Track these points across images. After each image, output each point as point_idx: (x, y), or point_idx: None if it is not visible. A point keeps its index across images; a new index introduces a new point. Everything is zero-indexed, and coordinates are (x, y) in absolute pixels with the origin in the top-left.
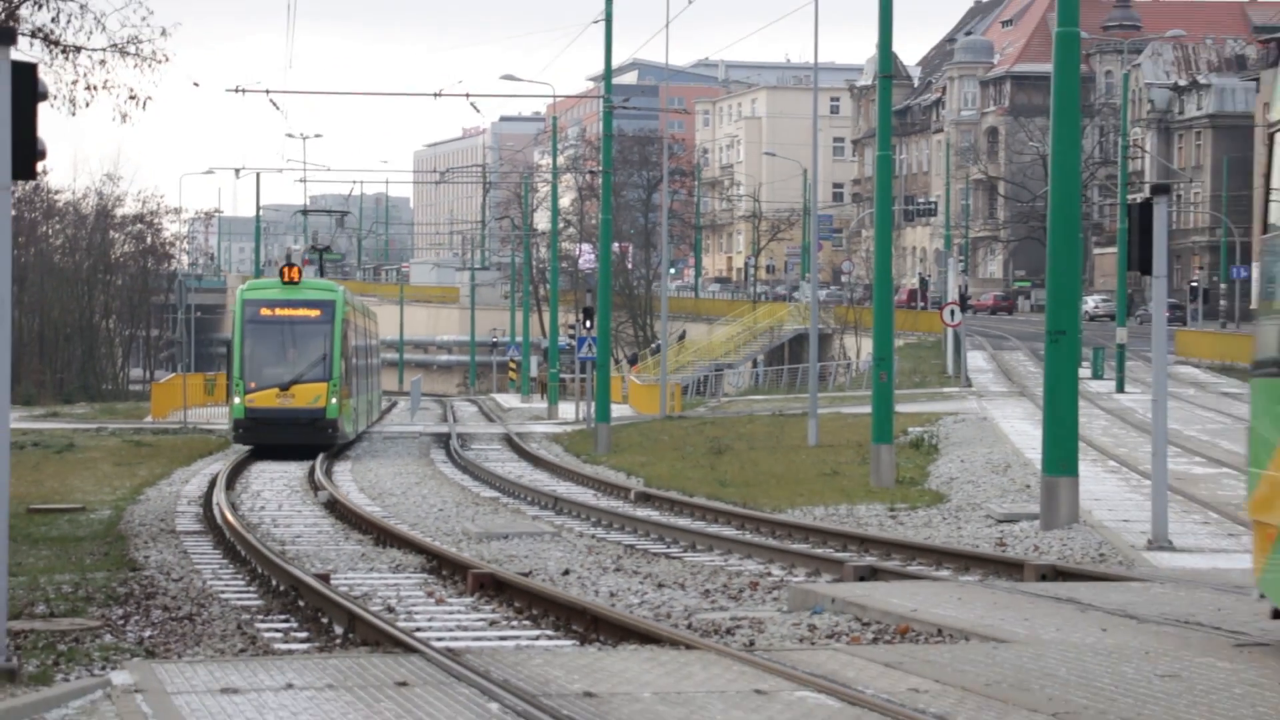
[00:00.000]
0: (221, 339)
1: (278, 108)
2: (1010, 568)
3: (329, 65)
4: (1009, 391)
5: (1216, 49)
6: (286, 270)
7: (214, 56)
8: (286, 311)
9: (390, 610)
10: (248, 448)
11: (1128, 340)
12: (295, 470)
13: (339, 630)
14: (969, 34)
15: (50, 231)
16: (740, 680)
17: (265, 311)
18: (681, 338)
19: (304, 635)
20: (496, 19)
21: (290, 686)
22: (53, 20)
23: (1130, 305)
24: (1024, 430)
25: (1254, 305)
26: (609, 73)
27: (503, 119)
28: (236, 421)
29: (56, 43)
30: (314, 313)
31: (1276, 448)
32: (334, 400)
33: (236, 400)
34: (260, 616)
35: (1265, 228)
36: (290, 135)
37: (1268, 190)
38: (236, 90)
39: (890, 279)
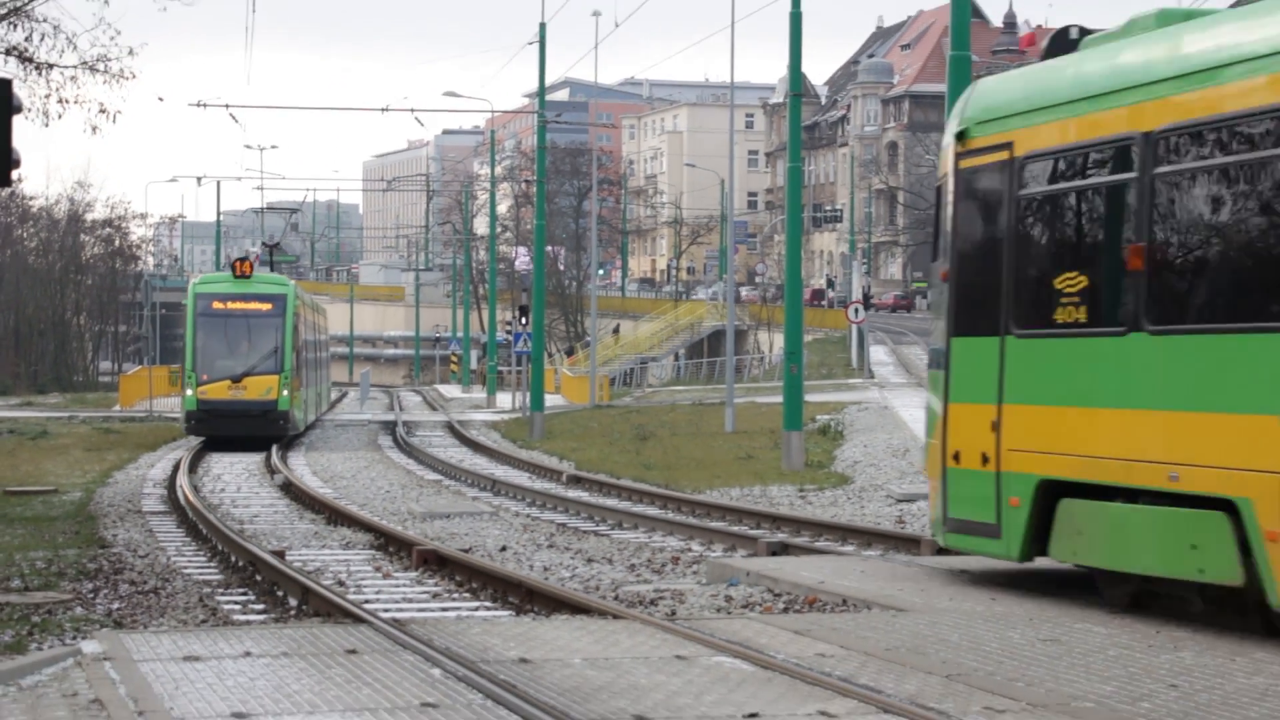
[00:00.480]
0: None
1: (236, 121)
2: (909, 543)
3: (285, 80)
4: (908, 383)
5: None
6: (238, 265)
7: (177, 72)
8: (238, 305)
9: (341, 584)
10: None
11: None
12: (253, 456)
13: (293, 602)
14: (871, 56)
15: (25, 235)
16: (663, 647)
17: (217, 305)
18: (616, 331)
19: (261, 607)
20: (439, 39)
21: (248, 654)
22: (26, 39)
23: None
24: (922, 418)
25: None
26: (543, 90)
27: (445, 132)
28: (189, 413)
29: (30, 60)
30: (265, 306)
31: (935, 424)
32: (285, 392)
33: (189, 392)
34: (220, 590)
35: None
36: (248, 146)
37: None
38: (199, 105)
39: (800, 280)
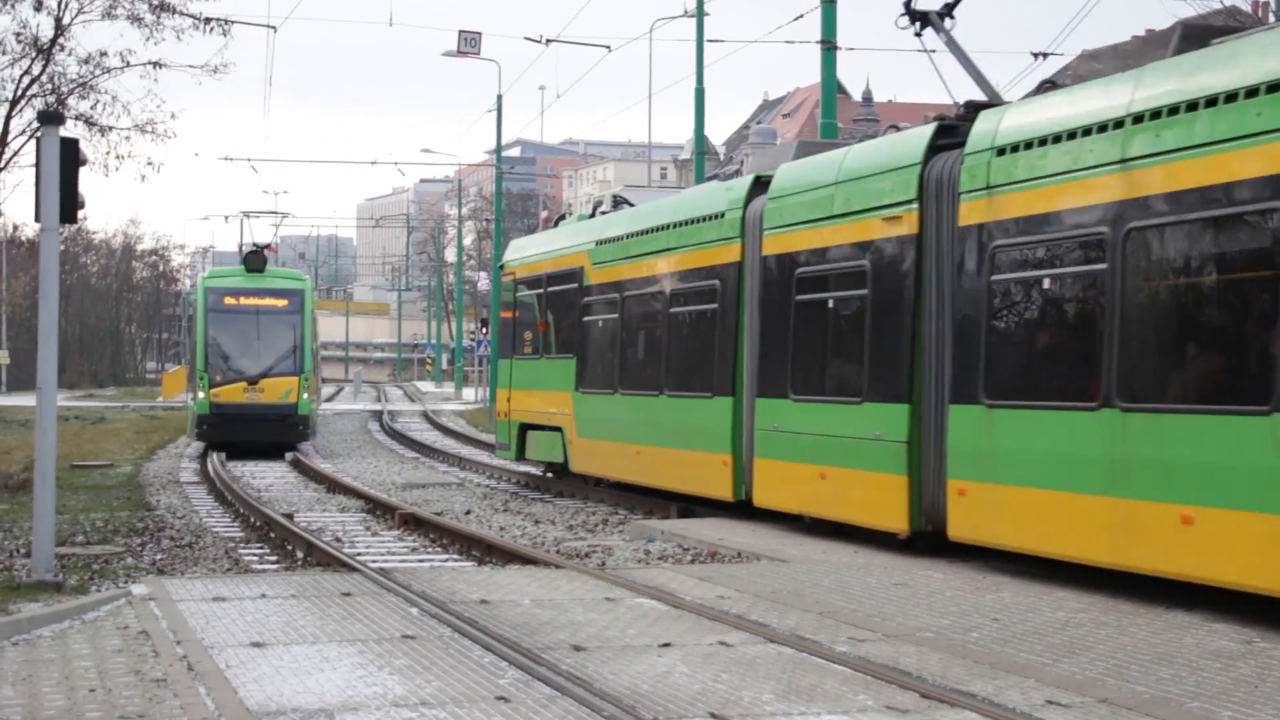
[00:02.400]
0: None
1: (256, 171)
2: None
3: (296, 134)
4: None
5: None
6: (250, 256)
7: (209, 127)
8: (253, 300)
9: (338, 540)
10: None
11: None
12: None
13: (300, 555)
14: (759, 123)
15: (88, 261)
16: (595, 590)
17: (229, 300)
18: None
19: (274, 558)
20: (417, 105)
21: (264, 596)
22: (91, 108)
23: None
24: None
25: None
26: (499, 148)
27: (422, 180)
28: (200, 418)
29: (94, 123)
30: (282, 302)
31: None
32: (305, 395)
33: (200, 395)
34: (242, 545)
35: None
36: (265, 191)
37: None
38: (227, 159)
39: None
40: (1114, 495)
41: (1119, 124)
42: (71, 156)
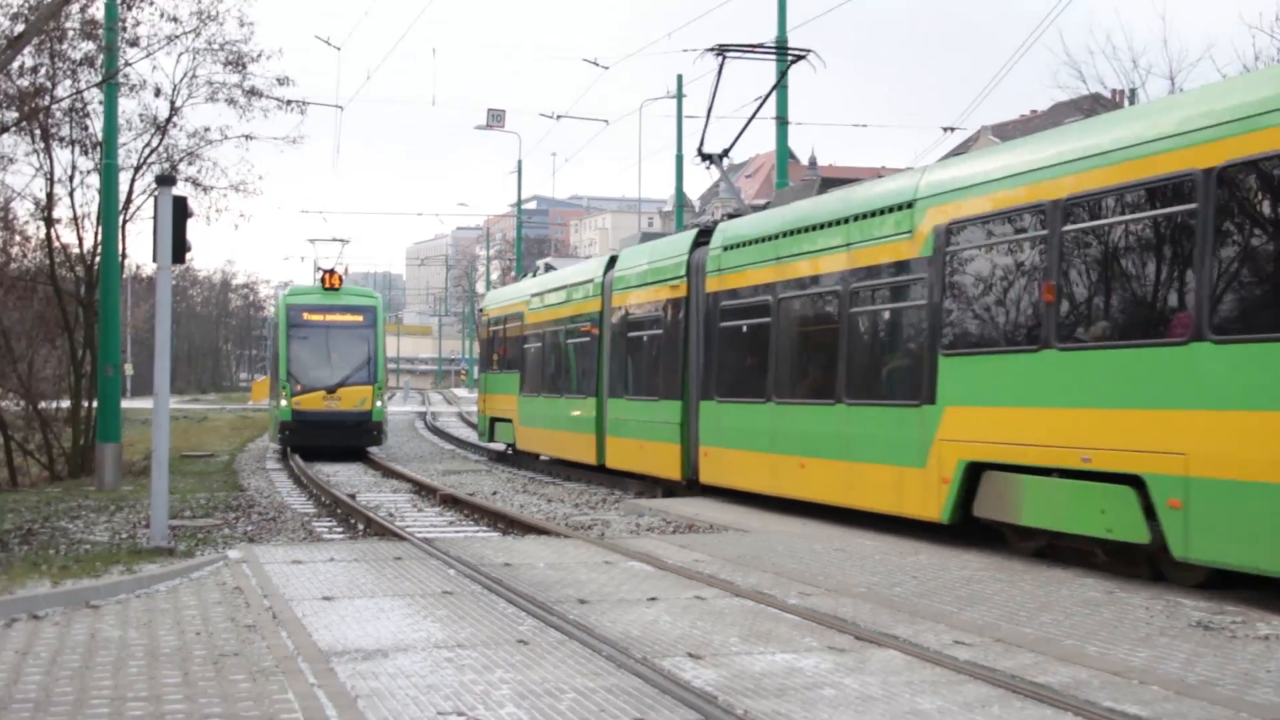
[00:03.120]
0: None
1: (325, 220)
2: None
3: (357, 189)
4: None
5: None
6: (327, 277)
7: (289, 184)
8: (331, 316)
9: (391, 515)
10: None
11: None
12: None
13: (361, 527)
14: (728, 182)
15: (194, 294)
16: (596, 555)
17: (308, 316)
18: None
19: (340, 530)
20: (454, 167)
21: (332, 559)
22: (196, 172)
23: None
24: None
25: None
26: (519, 202)
27: (458, 228)
28: (283, 424)
29: (198, 184)
30: (357, 318)
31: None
32: (379, 403)
33: (283, 403)
34: (315, 519)
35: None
36: (334, 239)
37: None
38: (303, 211)
39: None
40: (771, 452)
41: (775, 237)
42: (181, 211)
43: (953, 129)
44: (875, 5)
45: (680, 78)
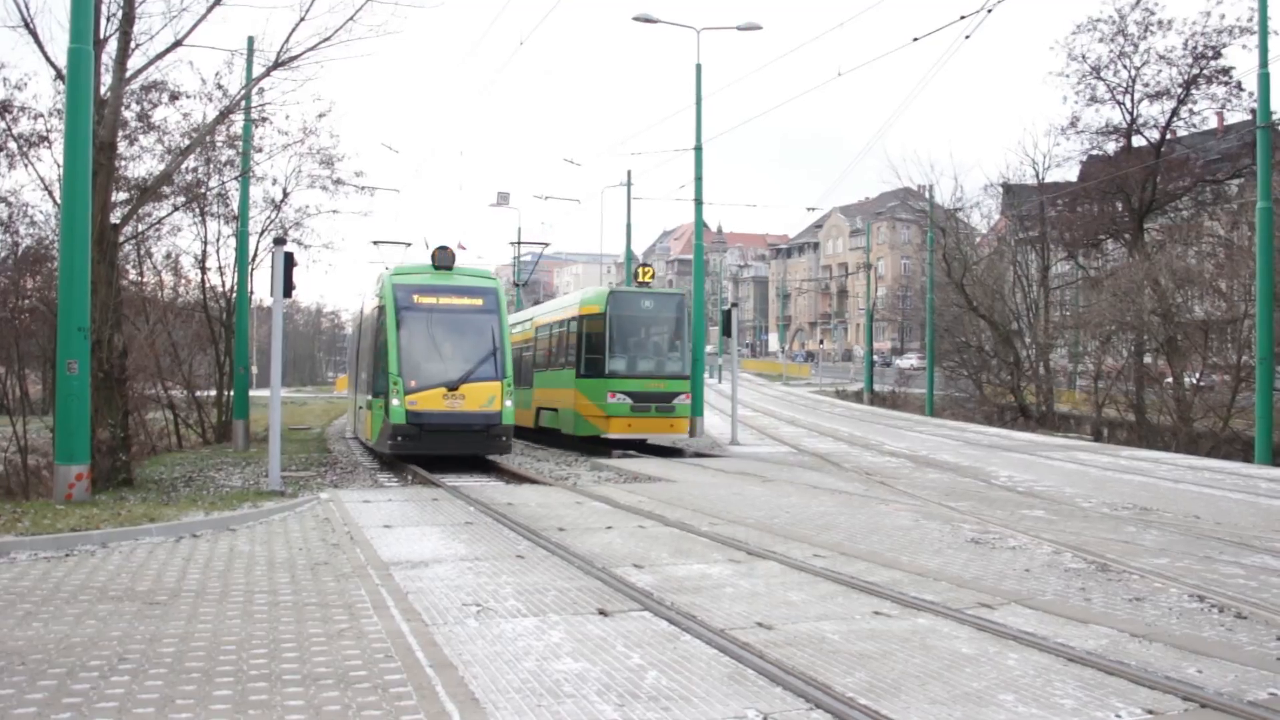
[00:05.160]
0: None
1: (387, 269)
2: (677, 452)
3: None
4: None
5: (760, 251)
6: (437, 253)
7: (363, 239)
8: (447, 300)
9: (430, 471)
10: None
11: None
12: None
13: (409, 478)
14: (661, 242)
15: (298, 318)
16: (570, 498)
17: (420, 299)
18: None
19: (396, 480)
20: (473, 232)
21: (390, 500)
22: (300, 235)
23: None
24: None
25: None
26: (518, 258)
27: None
28: (395, 428)
29: (301, 243)
30: (477, 301)
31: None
32: (509, 403)
33: (395, 402)
34: (378, 472)
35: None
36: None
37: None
38: (370, 262)
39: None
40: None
41: (530, 318)
42: (289, 262)
43: (814, 208)
44: (761, 124)
45: (630, 172)
